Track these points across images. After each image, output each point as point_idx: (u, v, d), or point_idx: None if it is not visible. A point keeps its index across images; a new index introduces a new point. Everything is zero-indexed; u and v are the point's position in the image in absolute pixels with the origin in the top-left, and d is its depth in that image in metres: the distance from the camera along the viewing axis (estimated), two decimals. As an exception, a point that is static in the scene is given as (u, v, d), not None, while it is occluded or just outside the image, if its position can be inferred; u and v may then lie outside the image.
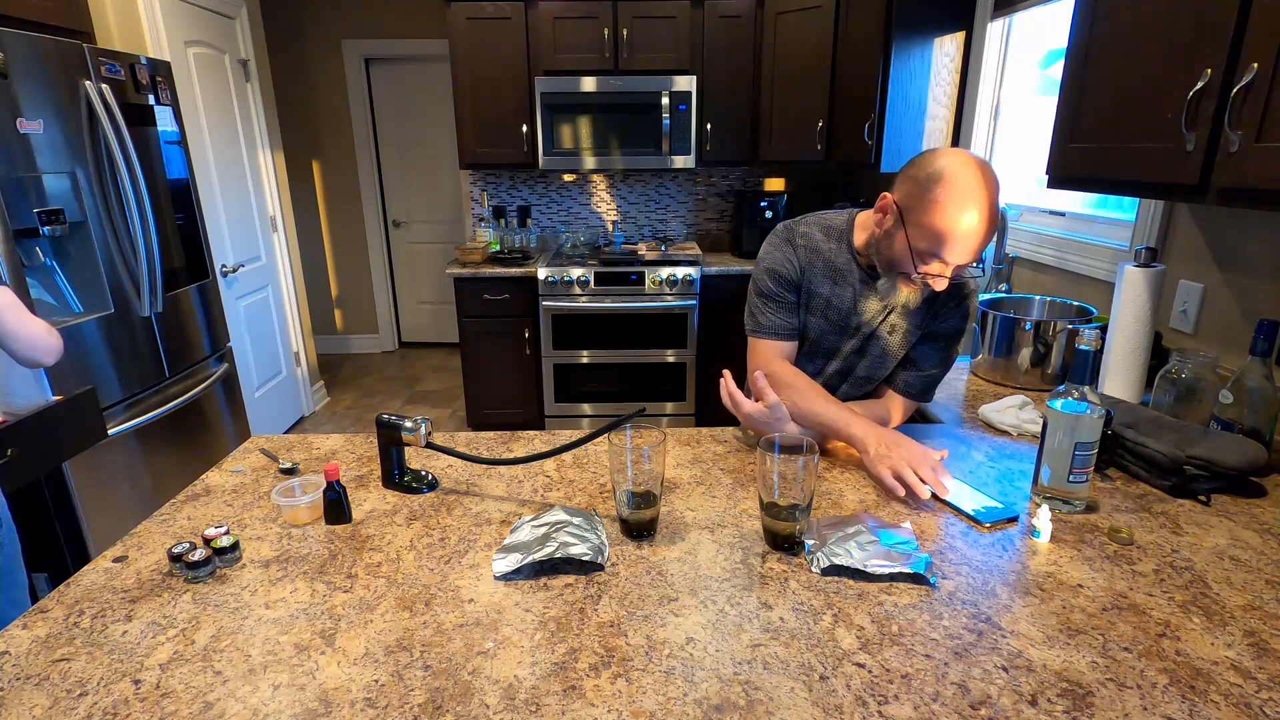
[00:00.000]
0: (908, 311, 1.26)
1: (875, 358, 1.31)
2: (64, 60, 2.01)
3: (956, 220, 1.05)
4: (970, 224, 1.05)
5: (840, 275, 1.28)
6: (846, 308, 1.28)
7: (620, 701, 0.69)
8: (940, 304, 1.27)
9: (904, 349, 1.31)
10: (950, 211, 1.05)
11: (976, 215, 1.05)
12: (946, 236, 1.07)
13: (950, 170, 1.06)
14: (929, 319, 1.29)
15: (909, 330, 1.29)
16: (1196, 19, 1.08)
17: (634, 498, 0.97)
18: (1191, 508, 1.06)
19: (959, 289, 1.27)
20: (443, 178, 4.87)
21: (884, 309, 1.27)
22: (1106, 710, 0.68)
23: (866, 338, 1.30)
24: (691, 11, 3.26)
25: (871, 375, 1.34)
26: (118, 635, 0.80)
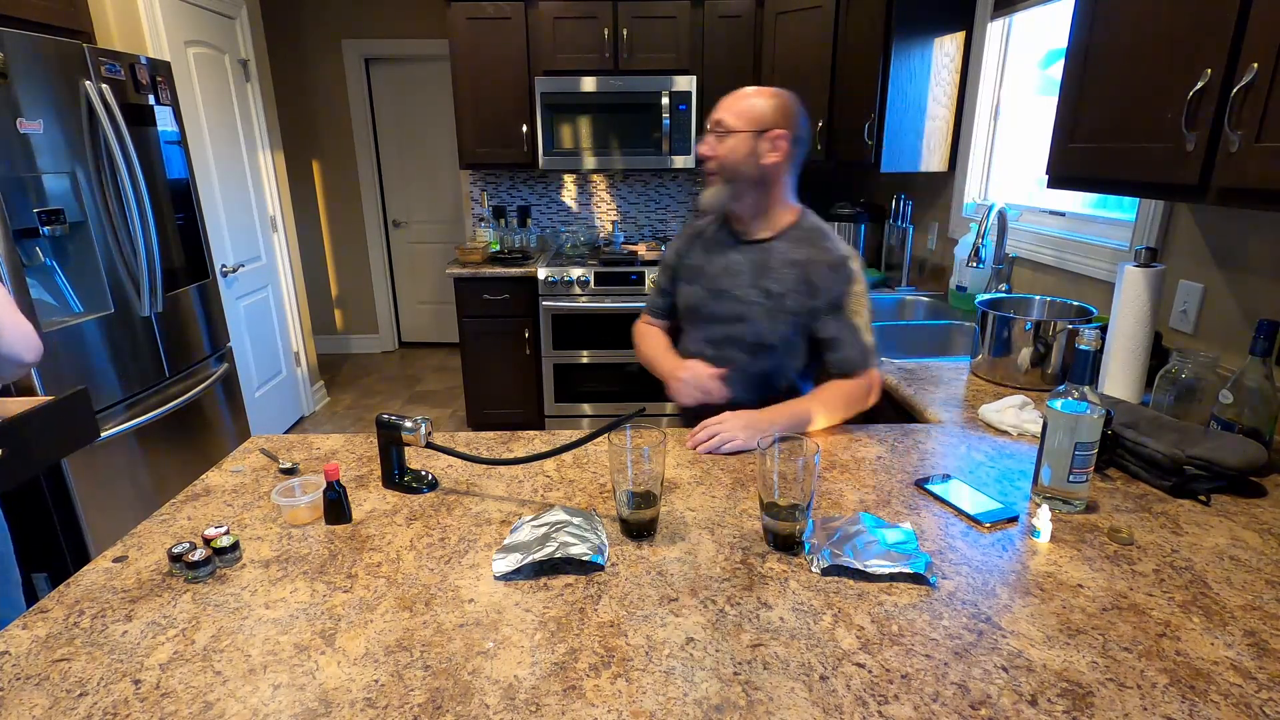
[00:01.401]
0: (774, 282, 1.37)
1: (749, 323, 1.39)
2: (64, 60, 2.01)
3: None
4: (730, 95, 1.36)
5: (714, 245, 1.47)
6: (716, 272, 1.44)
7: (620, 701, 0.69)
8: (818, 280, 1.35)
9: (773, 319, 1.38)
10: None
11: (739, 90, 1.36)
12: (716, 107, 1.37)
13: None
14: (809, 298, 1.36)
15: (779, 302, 1.37)
16: (1196, 19, 1.08)
17: (634, 498, 0.97)
18: (1191, 508, 1.06)
19: (824, 263, 1.35)
20: (443, 178, 4.87)
21: (752, 274, 1.39)
22: (1106, 710, 0.68)
23: (737, 302, 1.41)
24: (691, 11, 3.26)
25: (748, 343, 1.40)
26: (118, 635, 0.80)
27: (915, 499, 1.09)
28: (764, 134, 1.32)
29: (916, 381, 1.63)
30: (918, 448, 1.27)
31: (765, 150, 1.32)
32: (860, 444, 1.29)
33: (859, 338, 1.35)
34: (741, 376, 1.41)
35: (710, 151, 1.35)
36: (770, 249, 1.39)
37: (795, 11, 3.08)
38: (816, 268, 1.35)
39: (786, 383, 1.44)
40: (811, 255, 1.36)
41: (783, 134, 1.32)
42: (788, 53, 3.16)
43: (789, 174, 1.38)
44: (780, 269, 1.37)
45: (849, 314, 1.35)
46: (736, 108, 1.33)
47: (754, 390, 1.43)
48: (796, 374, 1.44)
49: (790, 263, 1.36)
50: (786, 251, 1.37)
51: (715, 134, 1.35)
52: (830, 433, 1.34)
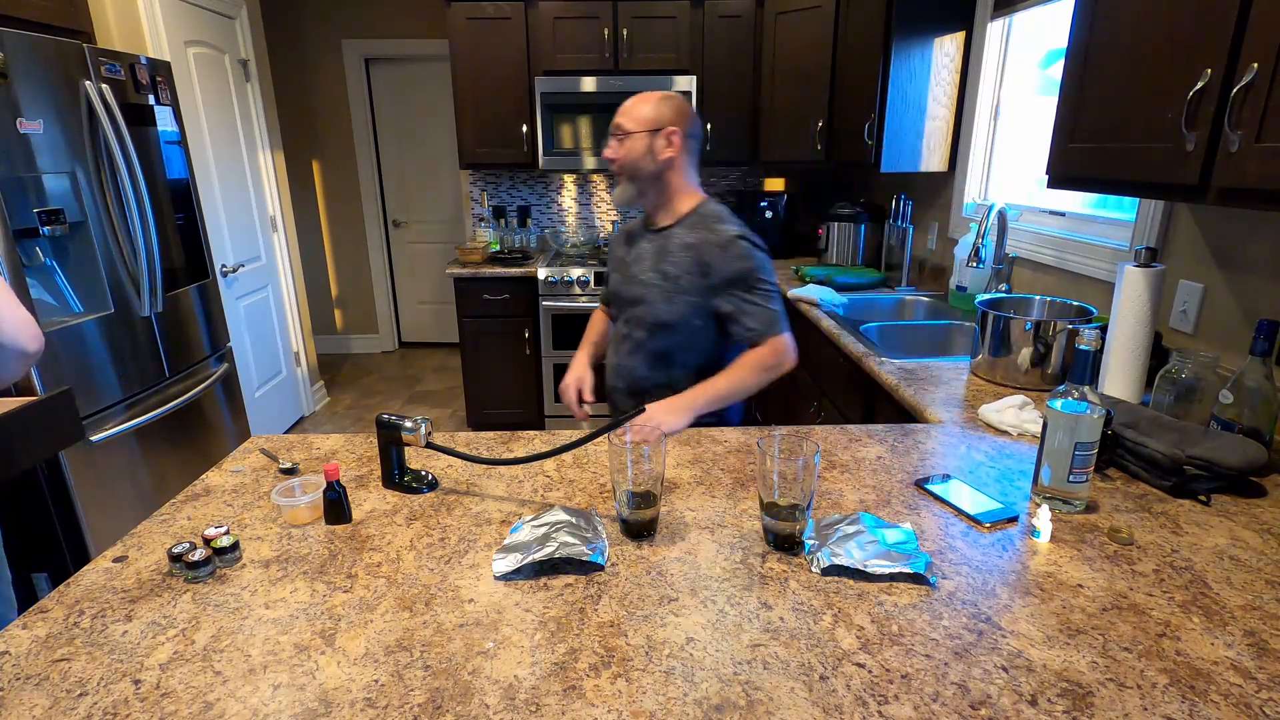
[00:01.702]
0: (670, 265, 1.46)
1: (648, 304, 1.49)
2: (64, 60, 2.01)
3: None
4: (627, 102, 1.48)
5: (632, 237, 1.60)
6: (629, 260, 1.56)
7: (620, 701, 0.69)
8: (709, 259, 1.43)
9: (668, 300, 1.46)
10: None
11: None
12: None
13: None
14: (702, 277, 1.44)
15: (674, 284, 1.45)
16: (1196, 19, 1.08)
17: (634, 498, 0.97)
18: (1191, 508, 1.06)
19: (717, 244, 1.43)
20: (443, 178, 4.87)
21: (653, 259, 1.50)
22: (1106, 710, 0.68)
23: (639, 285, 1.52)
24: (691, 11, 3.26)
25: (648, 323, 1.50)
26: (118, 635, 0.80)
27: (915, 499, 1.09)
28: (658, 132, 1.44)
29: (916, 381, 1.63)
30: (918, 448, 1.27)
31: (661, 147, 1.44)
32: (860, 444, 1.29)
33: (758, 308, 1.43)
34: (645, 354, 1.53)
35: (613, 154, 1.48)
36: (670, 235, 1.49)
37: (795, 11, 3.08)
38: (708, 248, 1.43)
39: (696, 362, 1.52)
40: (704, 238, 1.44)
41: (675, 130, 1.44)
42: (788, 53, 3.17)
43: (687, 165, 1.50)
44: (676, 253, 1.46)
45: (744, 288, 1.43)
46: (632, 113, 1.46)
47: (657, 368, 1.53)
48: (707, 354, 1.51)
49: (685, 246, 1.46)
50: (683, 236, 1.47)
51: (616, 138, 1.47)
52: (830, 433, 1.34)
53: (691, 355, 1.51)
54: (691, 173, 1.51)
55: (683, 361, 1.51)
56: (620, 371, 1.59)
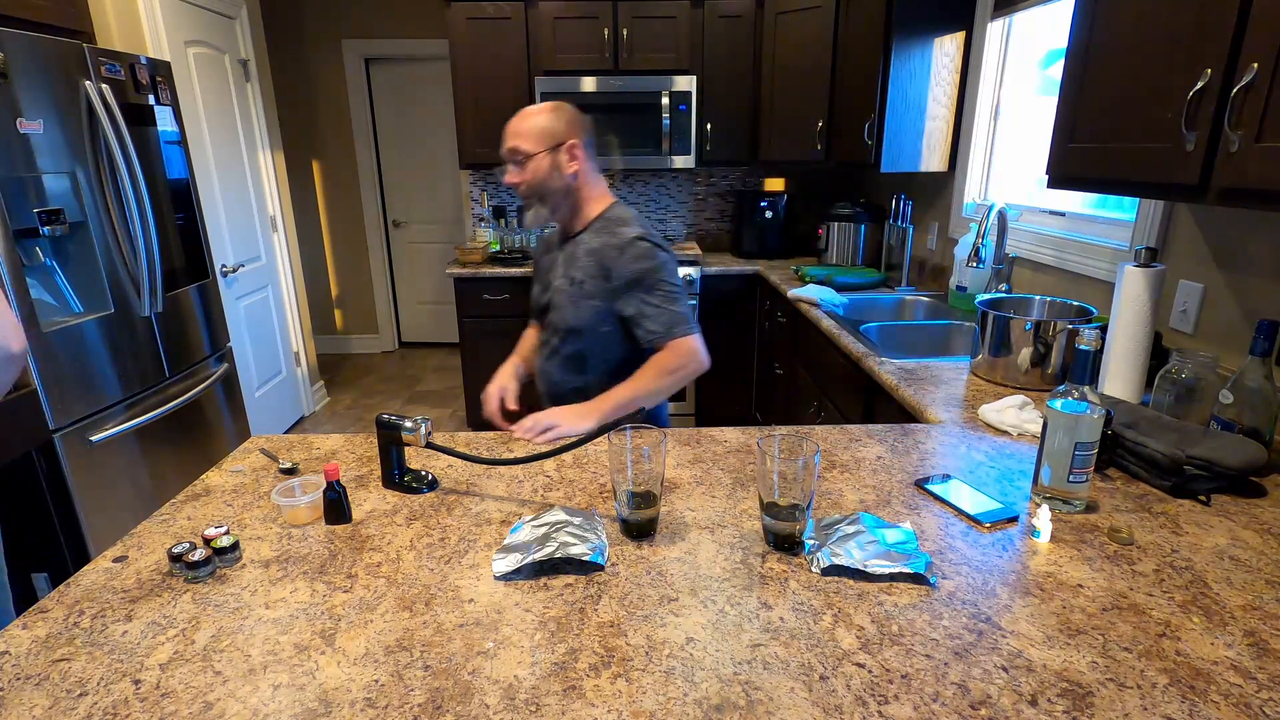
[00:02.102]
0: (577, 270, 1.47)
1: (558, 311, 1.51)
2: (64, 60, 2.01)
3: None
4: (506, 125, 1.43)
5: (550, 247, 1.60)
6: (547, 269, 1.58)
7: (620, 701, 0.69)
8: (609, 263, 1.43)
9: (575, 305, 1.47)
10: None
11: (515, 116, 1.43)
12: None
13: None
14: (605, 281, 1.44)
15: (580, 288, 1.46)
16: (1196, 19, 1.08)
17: (634, 498, 0.97)
18: (1191, 508, 1.06)
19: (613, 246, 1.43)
20: (443, 178, 4.87)
21: (564, 266, 1.50)
22: (1106, 710, 0.68)
23: (553, 292, 1.53)
24: (691, 11, 3.26)
25: (560, 329, 1.51)
26: (118, 635, 0.80)
27: (915, 499, 1.09)
28: (559, 148, 1.41)
29: (916, 381, 1.63)
30: (918, 448, 1.27)
31: (565, 162, 1.42)
32: (860, 444, 1.29)
33: (658, 310, 1.42)
34: (561, 359, 1.54)
35: (516, 179, 1.44)
36: (578, 241, 1.49)
37: (795, 11, 3.08)
38: (608, 251, 1.43)
39: (609, 366, 1.51)
40: (605, 242, 1.45)
41: (575, 143, 1.42)
42: (788, 53, 3.17)
43: (591, 171, 1.48)
44: (582, 258, 1.47)
45: (644, 290, 1.42)
46: (526, 133, 1.40)
47: (572, 372, 1.53)
48: (620, 358, 1.50)
49: (589, 251, 1.46)
50: (589, 241, 1.47)
51: (514, 163, 1.43)
52: (830, 433, 1.34)
53: (603, 359, 1.50)
54: (597, 178, 1.50)
55: (595, 366, 1.51)
56: (542, 377, 1.61)
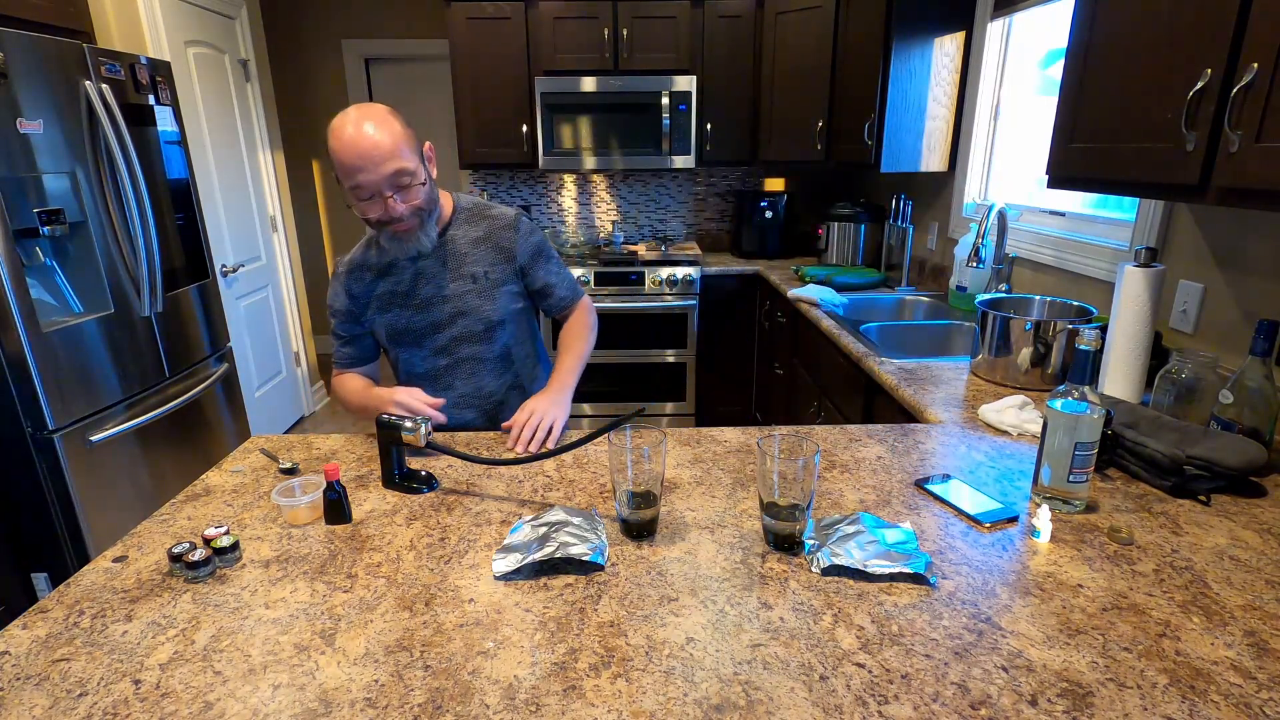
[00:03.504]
0: (472, 264, 1.40)
1: (471, 313, 1.40)
2: (64, 60, 2.01)
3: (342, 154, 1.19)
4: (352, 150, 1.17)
5: (385, 269, 1.40)
6: (406, 289, 1.40)
7: (620, 701, 0.69)
8: (506, 244, 1.42)
9: (490, 298, 1.40)
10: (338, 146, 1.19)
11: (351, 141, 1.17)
12: (345, 168, 1.20)
13: (333, 125, 1.21)
14: (507, 262, 1.42)
15: (487, 280, 1.40)
16: (1196, 19, 1.08)
17: (634, 498, 0.97)
18: (1191, 508, 1.06)
19: (503, 227, 1.41)
20: (443, 178, 4.86)
21: (447, 270, 1.39)
22: (1106, 710, 0.68)
23: (447, 300, 1.40)
24: (691, 11, 3.26)
25: (479, 331, 1.42)
26: (118, 635, 0.80)
27: (915, 499, 1.09)
28: (426, 158, 1.30)
29: (916, 381, 1.63)
30: (918, 448, 1.27)
31: (432, 170, 1.32)
32: (860, 444, 1.29)
33: (561, 275, 1.48)
34: (482, 367, 1.44)
35: (411, 204, 1.25)
36: (449, 239, 1.40)
37: (795, 11, 3.08)
38: (499, 234, 1.42)
39: (526, 350, 1.50)
40: (489, 227, 1.42)
41: (430, 145, 1.33)
42: (788, 53, 3.17)
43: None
44: (470, 251, 1.40)
45: (546, 259, 1.46)
46: (398, 148, 1.20)
47: (503, 373, 1.47)
48: (530, 338, 1.52)
49: (474, 241, 1.41)
50: (467, 234, 1.41)
51: (401, 186, 1.23)
52: (830, 433, 1.34)
53: (521, 346, 1.49)
54: None
55: (518, 355, 1.48)
56: (465, 402, 1.44)
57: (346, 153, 1.18)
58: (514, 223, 1.43)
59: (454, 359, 1.43)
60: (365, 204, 1.24)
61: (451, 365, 1.43)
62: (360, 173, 1.19)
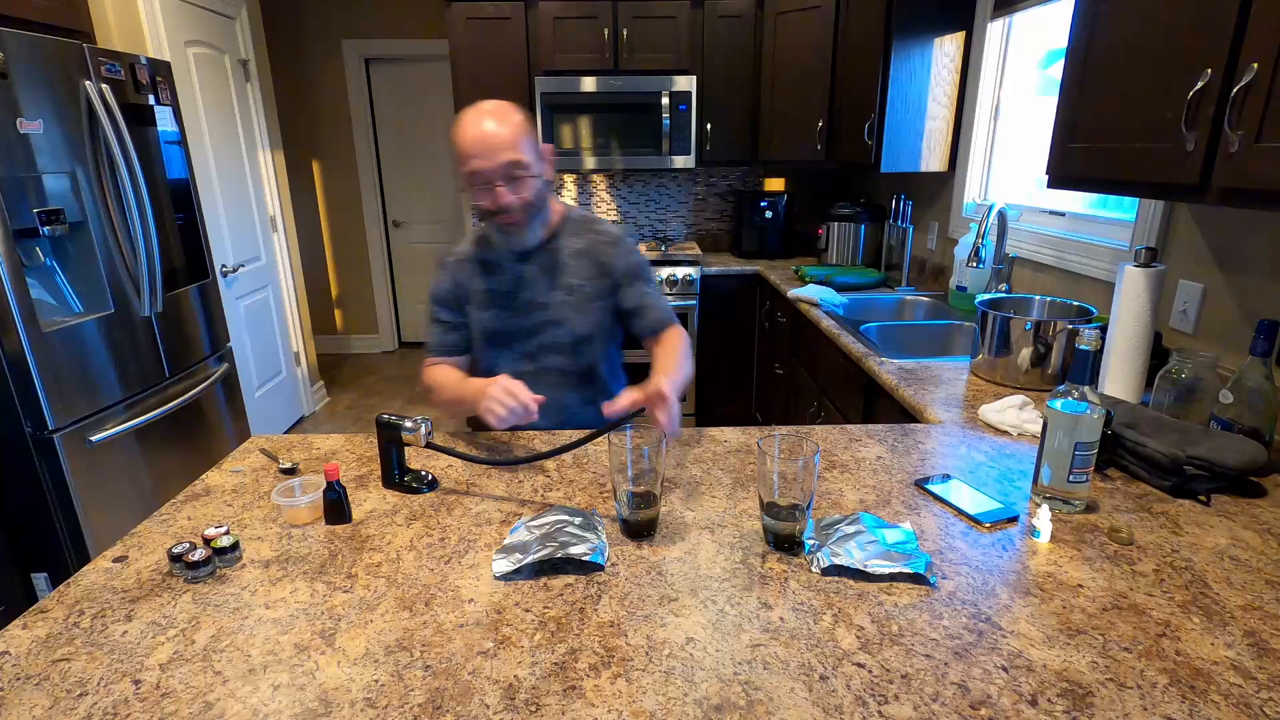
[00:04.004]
0: (570, 276, 1.40)
1: (563, 324, 1.40)
2: (64, 60, 2.01)
3: (463, 140, 1.24)
4: (472, 136, 1.23)
5: (490, 266, 1.41)
6: (509, 289, 1.40)
7: (620, 701, 0.69)
8: (606, 259, 1.40)
9: (583, 312, 1.40)
10: (460, 133, 1.25)
11: (474, 128, 1.23)
12: (464, 153, 1.24)
13: (460, 116, 1.27)
14: (603, 278, 1.41)
15: (582, 292, 1.40)
16: (1196, 19, 1.08)
17: (634, 498, 0.97)
18: (1191, 508, 1.06)
19: (605, 243, 1.41)
20: (443, 178, 4.87)
21: (547, 278, 1.40)
22: (1106, 710, 0.68)
23: (543, 308, 1.40)
24: (691, 11, 3.26)
25: (567, 343, 1.42)
26: (118, 635, 0.80)
27: (915, 499, 1.09)
28: (543, 156, 1.31)
29: (916, 381, 1.63)
30: (918, 448, 1.27)
31: (548, 169, 1.33)
32: (860, 444, 1.29)
33: (656, 299, 1.43)
34: (564, 379, 1.43)
35: (516, 197, 1.26)
36: (556, 248, 1.40)
37: (795, 11, 3.08)
38: (601, 249, 1.40)
39: (608, 371, 1.49)
40: (592, 241, 1.41)
41: (549, 146, 1.36)
42: (788, 53, 3.17)
43: None
44: (570, 263, 1.40)
45: (643, 281, 1.43)
46: (518, 139, 1.23)
47: (581, 388, 1.46)
48: (611, 359, 1.50)
49: (576, 253, 1.40)
50: (570, 245, 1.41)
51: (513, 177, 1.25)
52: (830, 433, 1.34)
53: (606, 364, 1.47)
54: None
55: (602, 374, 1.46)
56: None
57: (466, 139, 1.24)
58: (617, 239, 1.42)
59: (539, 366, 1.42)
60: (478, 191, 1.28)
61: (536, 373, 1.41)
62: (476, 159, 1.23)
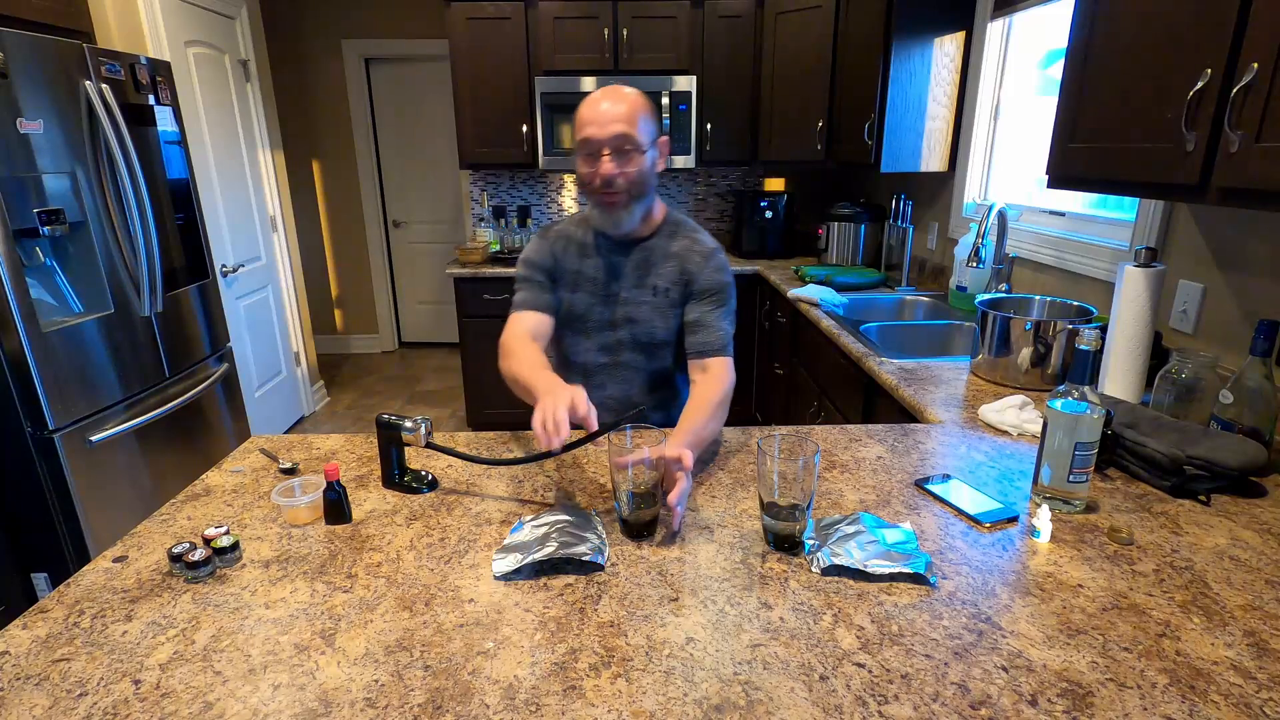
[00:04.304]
0: (659, 278, 1.38)
1: (642, 323, 1.39)
2: (64, 60, 2.01)
3: (582, 108, 1.28)
4: (591, 105, 1.27)
5: (587, 249, 1.42)
6: (599, 276, 1.40)
7: (620, 701, 0.69)
8: (693, 268, 1.37)
9: (664, 315, 1.38)
10: (581, 103, 1.29)
11: (595, 99, 1.27)
12: (580, 120, 1.28)
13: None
14: (685, 286, 1.38)
15: (666, 297, 1.38)
16: (1196, 19, 1.08)
17: (634, 498, 0.97)
18: (1191, 508, 1.06)
19: (700, 253, 1.38)
20: (443, 178, 4.87)
21: (636, 274, 1.39)
22: (1106, 710, 0.68)
23: (627, 304, 1.39)
24: (691, 11, 3.26)
25: (644, 343, 1.41)
26: (118, 635, 0.80)
27: (915, 499, 1.09)
28: (656, 142, 1.31)
29: (916, 381, 1.63)
30: (918, 448, 1.27)
31: (659, 159, 1.34)
32: (860, 444, 1.29)
33: (720, 326, 1.35)
34: (637, 377, 1.42)
35: (620, 170, 1.26)
36: (651, 247, 1.39)
37: (795, 11, 3.08)
38: (691, 257, 1.37)
39: (679, 380, 1.47)
40: (687, 246, 1.38)
41: (666, 140, 1.35)
42: (788, 53, 3.17)
43: None
44: (661, 264, 1.38)
45: (716, 302, 1.37)
46: (637, 118, 1.26)
47: (651, 390, 1.44)
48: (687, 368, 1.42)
49: (668, 256, 1.38)
50: (664, 246, 1.39)
51: (622, 151, 1.25)
52: (830, 433, 1.34)
53: (681, 373, 1.44)
54: None
55: (676, 381, 1.45)
56: (609, 404, 1.43)
57: (585, 107, 1.28)
58: (710, 253, 1.38)
59: (613, 360, 1.42)
60: (584, 159, 1.30)
61: (609, 366, 1.42)
62: (589, 126, 1.26)
